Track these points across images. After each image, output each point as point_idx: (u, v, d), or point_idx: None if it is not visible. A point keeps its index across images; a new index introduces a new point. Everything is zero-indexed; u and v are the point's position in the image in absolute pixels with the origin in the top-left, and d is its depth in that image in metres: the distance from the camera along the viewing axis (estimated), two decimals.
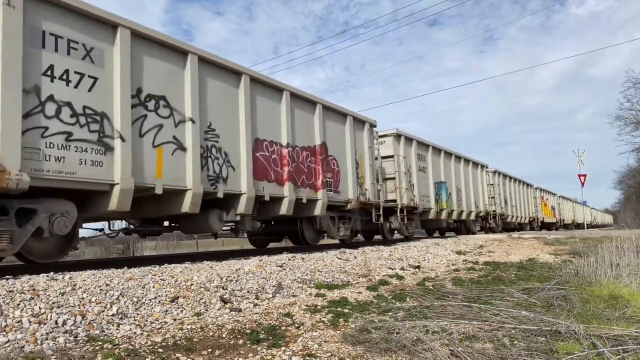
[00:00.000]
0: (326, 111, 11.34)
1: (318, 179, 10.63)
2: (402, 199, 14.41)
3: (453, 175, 19.05)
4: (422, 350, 3.24)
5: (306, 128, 10.59)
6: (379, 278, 6.84)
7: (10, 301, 3.76)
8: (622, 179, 59.63)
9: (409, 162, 15.48)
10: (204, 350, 3.30)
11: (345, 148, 11.95)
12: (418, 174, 15.81)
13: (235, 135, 8.48)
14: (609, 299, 4.92)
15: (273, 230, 12.56)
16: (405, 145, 15.36)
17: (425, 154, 16.85)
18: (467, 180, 20.66)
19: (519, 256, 10.67)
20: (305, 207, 10.33)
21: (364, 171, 12.65)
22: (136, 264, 6.55)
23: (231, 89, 8.57)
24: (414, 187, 15.41)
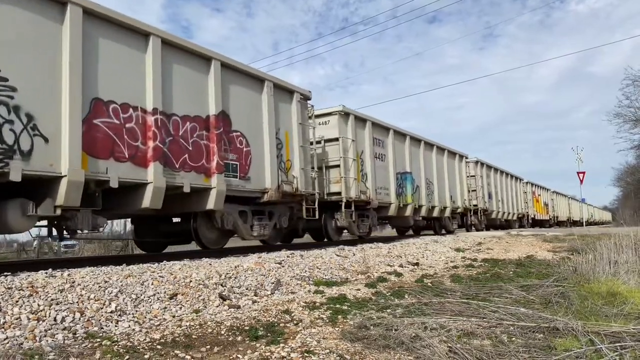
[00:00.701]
0: (229, 72, 8.61)
1: (212, 160, 7.90)
2: (348, 191, 11.75)
3: (422, 166, 16.15)
4: (421, 347, 3.24)
5: (193, 92, 7.83)
6: (377, 275, 6.85)
7: (9, 298, 3.76)
8: (621, 176, 59.64)
9: (362, 147, 12.61)
10: (203, 347, 3.30)
11: (260, 123, 9.26)
12: (374, 162, 13.08)
13: (52, 91, 5.88)
14: (607, 296, 4.93)
15: (162, 230, 9.75)
16: (356, 126, 12.47)
17: (385, 139, 13.99)
18: (440, 172, 17.80)
19: (518, 253, 10.68)
20: (192, 198, 7.89)
21: (291, 154, 10.01)
22: (135, 261, 6.55)
23: (48, 24, 5.92)
24: (368, 177, 12.66)
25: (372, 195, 12.69)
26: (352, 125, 12.25)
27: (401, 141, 15.05)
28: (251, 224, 9.26)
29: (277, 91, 9.83)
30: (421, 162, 16.18)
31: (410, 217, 15.16)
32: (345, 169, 11.85)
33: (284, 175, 9.75)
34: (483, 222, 22.52)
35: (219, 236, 9.20)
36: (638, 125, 31.08)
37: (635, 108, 30.61)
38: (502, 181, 25.93)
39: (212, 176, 7.93)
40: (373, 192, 12.77)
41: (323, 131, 12.02)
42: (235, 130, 8.67)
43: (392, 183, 13.91)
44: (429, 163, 16.94)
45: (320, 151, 11.86)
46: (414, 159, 15.71)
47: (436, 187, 17.16)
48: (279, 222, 10.04)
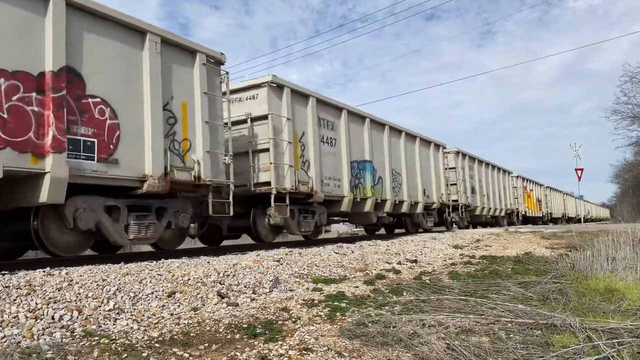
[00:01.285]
0: (81, 15, 6.34)
1: (46, 134, 5.74)
2: (281, 180, 9.47)
3: (387, 154, 13.80)
4: (419, 344, 3.25)
5: (13, 36, 5.57)
6: (376, 272, 6.86)
7: (6, 296, 3.76)
8: (619, 173, 59.78)
9: (302, 128, 10.34)
10: (201, 345, 3.30)
11: (139, 89, 6.97)
12: (320, 147, 10.80)
13: None
14: (605, 293, 4.94)
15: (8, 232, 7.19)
16: (294, 102, 10.12)
17: (336, 120, 11.65)
18: (411, 162, 15.41)
19: (516, 250, 10.70)
20: (20, 187, 5.95)
21: (190, 132, 7.70)
22: (133, 259, 6.55)
23: None
24: (310, 164, 10.33)
25: (316, 186, 10.28)
26: (287, 100, 9.84)
27: (359, 124, 12.69)
28: (126, 224, 6.90)
29: (169, 49, 7.49)
30: (386, 150, 13.76)
31: (371, 213, 12.82)
32: (277, 153, 9.46)
33: (178, 159, 7.42)
34: (465, 219, 20.34)
35: (75, 240, 6.73)
36: (636, 121, 31.16)
37: (633, 105, 30.69)
38: (488, 174, 23.74)
39: (45, 156, 5.71)
40: (317, 183, 10.36)
41: (250, 107, 9.69)
42: (93, 96, 6.35)
43: (345, 173, 11.57)
44: (397, 152, 14.57)
45: (248, 132, 9.63)
46: (377, 146, 13.36)
47: (405, 180, 14.70)
48: (175, 221, 7.62)
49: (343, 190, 11.53)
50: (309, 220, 10.69)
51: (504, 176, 26.99)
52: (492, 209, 23.65)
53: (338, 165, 11.52)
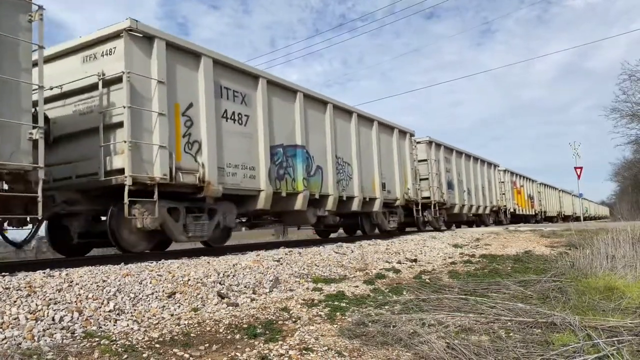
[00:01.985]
0: None
1: None
2: (144, 167, 6.82)
3: (329, 140, 11.13)
4: (419, 343, 3.25)
5: None
6: (375, 272, 6.86)
7: (7, 298, 3.76)
8: (618, 171, 59.81)
9: (189, 98, 7.59)
10: (201, 346, 3.31)
11: None
12: (220, 125, 8.14)
13: None
14: (605, 291, 4.95)
15: None
16: (175, 61, 7.38)
17: (250, 92, 8.93)
18: (367, 151, 12.82)
19: (516, 249, 10.71)
20: None
21: None
22: (133, 260, 6.55)
23: None
24: (202, 147, 7.64)
25: (211, 176, 7.63)
26: (159, 57, 7.03)
27: (286, 100, 9.94)
28: None
29: None
30: (328, 134, 11.11)
31: (306, 212, 10.19)
32: (137, 128, 6.74)
33: None
34: (440, 219, 17.77)
35: None
36: (635, 120, 31.19)
37: (632, 103, 30.72)
38: (469, 168, 21.05)
39: None
40: (213, 172, 7.68)
41: (105, 65, 6.92)
42: None
43: (261, 160, 8.90)
44: (345, 137, 11.92)
45: (101, 101, 6.90)
46: (314, 128, 10.70)
47: (357, 171, 12.06)
48: None
49: (259, 183, 8.80)
50: (202, 222, 7.86)
51: (489, 170, 24.32)
52: (474, 207, 21.15)
53: (252, 150, 8.82)
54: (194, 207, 7.85)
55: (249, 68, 9.13)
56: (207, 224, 7.98)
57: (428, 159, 17.00)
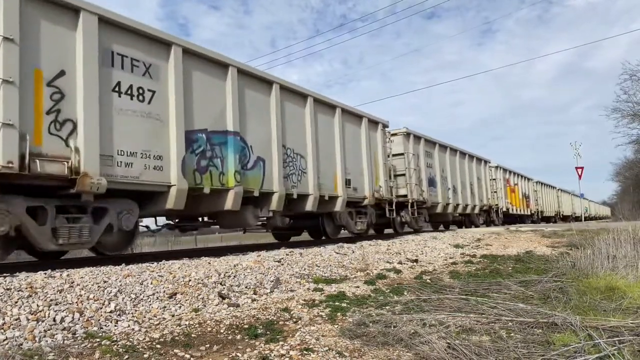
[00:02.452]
0: None
1: None
2: None
3: (274, 126, 9.35)
4: (419, 344, 3.25)
5: None
6: (376, 272, 6.86)
7: (8, 299, 3.77)
8: (620, 171, 59.81)
9: (59, 64, 5.96)
10: (202, 346, 3.31)
11: None
12: (110, 100, 6.50)
13: None
14: (606, 291, 4.94)
15: None
16: (31, 14, 5.76)
17: (158, 63, 7.22)
18: (326, 142, 11.05)
19: (517, 249, 10.70)
20: None
21: None
22: (134, 261, 6.56)
23: None
24: (78, 128, 6.03)
25: (89, 165, 6.00)
26: (8, 7, 5.46)
27: (213, 75, 8.14)
28: None
29: None
30: (273, 119, 9.35)
31: (242, 212, 8.57)
32: None
33: None
34: (421, 219, 16.27)
35: None
36: (636, 119, 31.16)
37: (634, 103, 30.70)
38: (454, 163, 19.23)
39: None
40: (93, 160, 6.07)
41: None
42: None
43: (173, 147, 7.18)
44: (297, 124, 10.16)
45: None
46: (255, 112, 8.96)
47: (313, 165, 10.37)
48: None
49: (168, 176, 7.09)
50: (82, 224, 6.20)
51: (479, 166, 22.41)
52: (461, 206, 19.33)
53: (159, 135, 7.07)
54: (67, 206, 6.19)
55: (157, 32, 7.15)
56: (90, 227, 6.28)
57: (405, 153, 15.25)
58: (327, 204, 10.95)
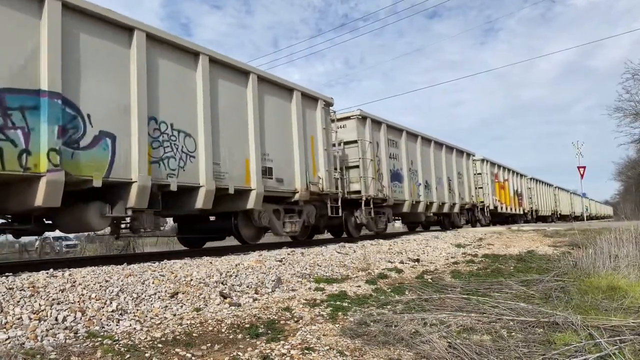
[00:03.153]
0: None
1: None
2: None
3: (137, 91, 6.75)
4: (420, 343, 3.26)
5: None
6: (378, 272, 6.86)
7: (10, 298, 3.78)
8: (622, 170, 59.61)
9: None
10: (203, 345, 3.31)
11: None
12: None
13: None
14: (607, 290, 4.94)
15: None
16: None
17: None
18: (227, 116, 8.36)
19: (518, 248, 10.69)
20: None
21: None
22: (136, 261, 6.57)
23: None
24: None
25: None
26: None
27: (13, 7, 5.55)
28: None
29: None
30: (135, 82, 6.75)
31: (83, 212, 6.52)
32: None
33: None
34: (383, 220, 13.71)
35: None
36: (638, 119, 31.07)
37: (636, 102, 30.59)
38: (429, 155, 16.62)
39: None
40: None
41: None
42: None
43: None
44: (182, 92, 7.58)
45: None
46: (99, 68, 6.39)
47: (205, 147, 7.75)
48: None
49: None
50: None
51: (461, 159, 19.68)
52: (436, 204, 16.55)
53: None
54: None
55: None
56: None
57: (360, 141, 12.55)
58: (236, 199, 8.61)
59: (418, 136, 15.95)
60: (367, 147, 12.76)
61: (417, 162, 15.70)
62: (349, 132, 12.67)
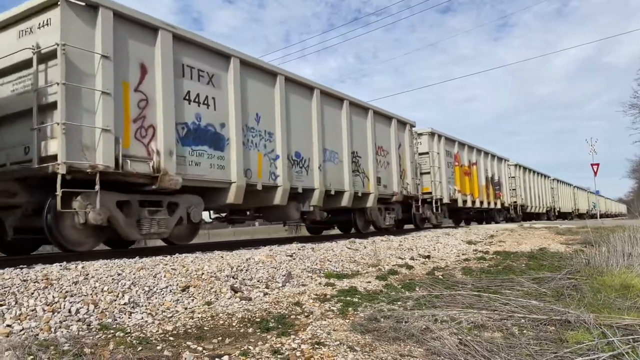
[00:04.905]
0: None
1: None
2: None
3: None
4: (431, 339, 3.25)
5: None
6: (388, 268, 6.86)
7: (24, 290, 3.83)
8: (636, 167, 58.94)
9: None
10: (215, 339, 3.33)
11: None
12: None
13: None
14: (620, 289, 4.89)
15: None
16: None
17: None
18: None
19: (530, 246, 10.62)
20: None
21: None
22: (148, 254, 6.62)
23: None
24: None
25: None
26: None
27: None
28: None
29: None
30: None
31: None
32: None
33: None
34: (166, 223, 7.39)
35: None
36: None
37: None
38: (312, 116, 10.18)
39: None
40: None
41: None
42: None
43: None
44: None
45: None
46: None
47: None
48: None
49: None
50: None
51: (386, 127, 13.22)
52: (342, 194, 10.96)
53: None
54: None
55: None
56: None
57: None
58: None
59: (303, 84, 10.04)
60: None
61: (290, 130, 9.52)
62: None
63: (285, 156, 9.21)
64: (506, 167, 24.48)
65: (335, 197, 10.85)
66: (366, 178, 12.08)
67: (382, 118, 13.24)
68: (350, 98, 11.63)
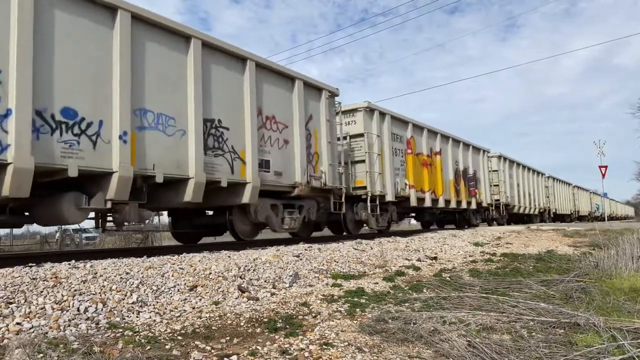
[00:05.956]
0: None
1: None
2: None
3: None
4: (439, 341, 3.23)
5: None
6: (395, 269, 6.84)
7: (33, 288, 3.85)
8: None
9: None
10: (222, 338, 3.34)
11: None
12: None
13: None
14: (630, 292, 4.85)
15: None
16: None
17: None
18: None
19: (538, 248, 10.56)
20: None
21: None
22: (155, 253, 6.64)
23: None
24: None
25: None
26: None
27: None
28: None
29: None
30: None
31: None
32: None
33: None
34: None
35: None
36: None
37: None
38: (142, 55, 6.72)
39: None
40: None
41: None
42: None
43: None
44: None
45: None
46: None
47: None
48: None
49: None
50: None
51: (284, 91, 9.42)
52: None
53: None
54: None
55: None
56: None
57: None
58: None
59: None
60: None
61: None
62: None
63: (27, 112, 5.36)
64: (486, 159, 20.45)
65: (171, 186, 7.30)
66: (239, 160, 8.16)
67: (275, 77, 9.19)
68: (204, 36, 7.63)
